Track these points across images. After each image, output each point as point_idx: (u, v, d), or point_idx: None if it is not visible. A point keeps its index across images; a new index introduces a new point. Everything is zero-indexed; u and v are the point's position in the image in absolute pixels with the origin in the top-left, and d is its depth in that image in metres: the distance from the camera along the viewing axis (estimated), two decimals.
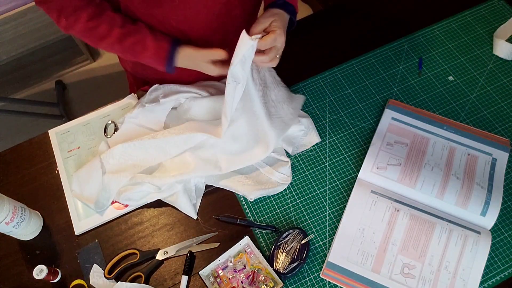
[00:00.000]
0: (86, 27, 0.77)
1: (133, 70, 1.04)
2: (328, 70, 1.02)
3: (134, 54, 0.81)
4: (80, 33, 0.79)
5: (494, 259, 0.79)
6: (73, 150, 0.94)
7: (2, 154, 0.96)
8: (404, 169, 0.86)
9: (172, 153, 0.86)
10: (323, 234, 0.83)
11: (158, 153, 0.86)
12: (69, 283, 0.80)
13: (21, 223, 0.80)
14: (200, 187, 0.88)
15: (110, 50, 0.82)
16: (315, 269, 0.80)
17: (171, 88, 0.94)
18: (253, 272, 0.78)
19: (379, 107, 0.96)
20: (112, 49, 0.81)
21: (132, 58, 0.83)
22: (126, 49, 0.80)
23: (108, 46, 0.80)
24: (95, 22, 0.77)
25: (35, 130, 2.03)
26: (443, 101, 0.96)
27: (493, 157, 0.88)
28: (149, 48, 0.80)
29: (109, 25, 0.78)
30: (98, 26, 0.77)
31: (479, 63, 1.01)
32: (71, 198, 0.88)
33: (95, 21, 0.77)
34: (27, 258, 0.84)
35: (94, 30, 0.78)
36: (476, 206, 0.81)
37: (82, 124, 0.97)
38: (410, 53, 1.03)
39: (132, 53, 0.81)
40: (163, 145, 0.86)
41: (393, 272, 0.78)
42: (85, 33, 0.79)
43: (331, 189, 0.87)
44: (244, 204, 0.87)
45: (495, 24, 1.06)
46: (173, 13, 0.77)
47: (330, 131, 0.94)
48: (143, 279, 0.79)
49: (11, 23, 1.79)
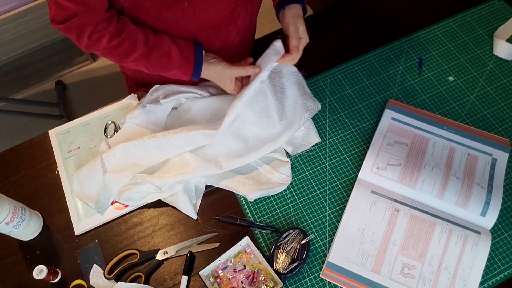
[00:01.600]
0: (109, 46, 0.75)
1: (134, 74, 1.03)
2: (328, 70, 1.02)
3: (161, 68, 0.81)
4: (103, 52, 0.77)
5: (494, 259, 0.79)
6: (73, 150, 0.94)
7: (2, 154, 0.96)
8: (404, 169, 0.86)
9: (173, 153, 0.87)
10: (323, 234, 0.83)
11: (158, 153, 0.86)
12: (69, 283, 0.80)
13: (21, 223, 0.80)
14: (200, 187, 0.88)
15: (135, 67, 0.81)
16: (315, 269, 0.80)
17: (172, 89, 0.94)
18: (253, 272, 0.78)
19: (379, 107, 0.96)
20: (138, 65, 0.81)
21: (159, 72, 0.82)
22: (153, 65, 0.80)
23: (134, 62, 0.79)
24: (117, 40, 0.74)
25: (35, 130, 2.03)
26: (443, 101, 0.96)
27: (493, 157, 0.88)
28: (175, 57, 0.79)
29: (132, 41, 0.76)
30: (121, 44, 0.75)
31: (479, 63, 1.01)
32: (71, 198, 0.88)
33: (117, 39, 0.74)
34: (27, 258, 0.84)
35: (117, 48, 0.76)
36: (476, 206, 0.81)
37: (82, 124, 0.97)
38: (410, 53, 1.03)
39: (159, 67, 0.81)
40: (163, 145, 0.86)
41: (393, 272, 0.78)
42: (108, 52, 0.77)
43: (331, 189, 0.87)
44: (244, 204, 0.87)
45: (495, 24, 1.06)
46: (183, 16, 0.76)
47: (330, 131, 0.94)
48: (143, 279, 0.79)
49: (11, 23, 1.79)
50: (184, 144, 0.86)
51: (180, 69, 0.81)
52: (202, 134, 0.85)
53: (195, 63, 0.81)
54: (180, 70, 0.82)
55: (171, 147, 0.86)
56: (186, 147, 0.86)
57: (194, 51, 0.81)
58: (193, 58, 0.81)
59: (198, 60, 0.81)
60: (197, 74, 0.82)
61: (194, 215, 0.85)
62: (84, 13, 0.69)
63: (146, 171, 0.86)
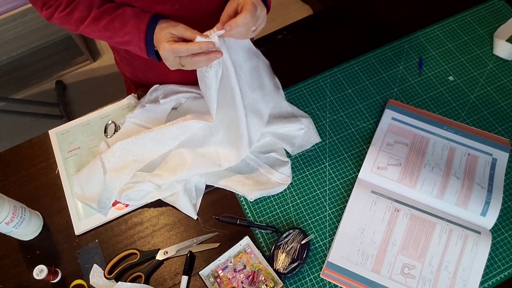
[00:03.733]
0: (62, 15, 0.75)
1: (133, 75, 1.03)
2: (328, 70, 1.02)
3: (113, 31, 0.75)
4: (58, 22, 0.77)
5: (494, 259, 0.79)
6: (73, 150, 0.94)
7: (2, 154, 0.96)
8: (404, 169, 0.86)
9: (170, 144, 0.86)
10: (323, 234, 0.83)
11: (156, 146, 0.86)
12: (69, 283, 0.80)
13: (21, 223, 0.80)
14: (200, 187, 0.88)
15: (89, 34, 0.78)
16: (315, 269, 0.80)
17: (171, 89, 0.94)
18: (253, 272, 0.78)
19: (379, 107, 0.96)
20: (91, 31, 0.77)
21: (111, 38, 0.77)
22: (105, 27, 0.75)
23: (87, 29, 0.77)
24: (72, 6, 0.75)
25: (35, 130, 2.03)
26: (443, 101, 0.96)
27: (493, 157, 0.88)
28: (130, 21, 0.74)
29: (86, 7, 0.75)
30: (74, 9, 0.75)
31: (479, 63, 1.01)
32: (71, 198, 0.88)
33: (72, 6, 0.75)
34: (27, 258, 0.84)
35: (71, 14, 0.75)
36: (476, 206, 0.81)
37: (82, 124, 0.97)
38: (410, 53, 1.03)
39: (111, 31, 0.75)
40: (160, 137, 0.85)
41: (393, 272, 0.78)
42: (64, 19, 0.76)
43: (331, 189, 0.87)
44: (244, 204, 0.87)
45: (495, 24, 1.06)
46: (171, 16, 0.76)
47: (330, 131, 0.94)
48: (143, 279, 0.79)
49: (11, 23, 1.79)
50: (180, 133, 0.86)
51: (133, 33, 0.73)
52: (197, 122, 0.85)
53: (148, 24, 0.72)
54: (133, 34, 0.73)
55: (167, 138, 0.86)
56: (182, 136, 0.86)
57: (151, 15, 0.73)
58: (147, 19, 0.73)
59: (153, 21, 0.73)
60: (151, 39, 0.73)
61: (194, 215, 0.85)
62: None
63: (146, 169, 0.86)
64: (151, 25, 0.72)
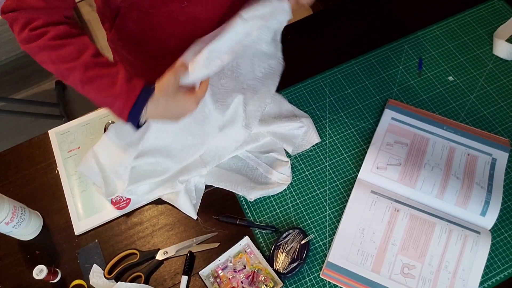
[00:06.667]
0: (48, 44, 0.65)
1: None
2: (328, 70, 1.02)
3: (98, 87, 0.67)
4: (37, 49, 0.66)
5: (494, 259, 0.79)
6: (73, 150, 0.94)
7: (2, 154, 0.96)
8: (404, 169, 0.86)
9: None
10: (323, 234, 0.83)
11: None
12: (69, 283, 0.80)
13: (21, 223, 0.80)
14: (200, 187, 0.88)
15: (65, 79, 0.68)
16: (315, 269, 0.80)
17: None
18: (253, 272, 0.78)
19: (379, 107, 0.96)
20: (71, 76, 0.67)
21: (93, 93, 0.68)
22: (91, 79, 0.66)
23: (67, 71, 0.66)
24: (63, 41, 0.65)
25: (35, 130, 2.03)
26: (443, 101, 0.96)
27: (493, 157, 0.88)
28: (121, 82, 0.66)
29: (79, 49, 0.65)
30: (64, 46, 0.65)
31: (479, 63, 1.01)
32: (71, 198, 0.88)
33: (64, 40, 0.65)
34: (27, 258, 0.84)
35: (57, 49, 0.65)
36: (476, 206, 0.81)
37: (82, 124, 0.97)
38: (410, 53, 1.03)
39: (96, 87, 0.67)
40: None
41: (393, 272, 0.78)
42: (43, 51, 0.66)
43: (331, 189, 0.87)
44: (244, 204, 0.87)
45: (495, 24, 1.06)
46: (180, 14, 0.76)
47: (330, 131, 0.94)
48: (143, 279, 0.79)
49: None
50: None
51: (121, 96, 0.66)
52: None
53: (140, 94, 0.66)
54: (121, 97, 0.66)
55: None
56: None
57: (144, 84, 0.68)
58: (140, 89, 0.67)
59: (145, 93, 0.67)
60: (138, 110, 0.67)
61: (194, 215, 0.85)
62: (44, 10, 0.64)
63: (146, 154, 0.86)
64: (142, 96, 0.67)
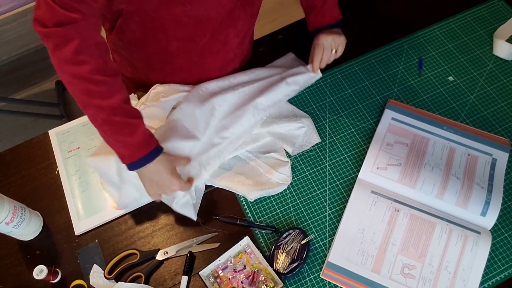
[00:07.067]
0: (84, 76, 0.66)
1: (134, 76, 1.03)
2: (328, 70, 1.02)
3: (116, 132, 0.71)
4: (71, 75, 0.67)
5: (494, 259, 0.79)
6: (73, 150, 0.94)
7: (2, 154, 0.96)
8: (404, 169, 0.86)
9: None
10: (323, 234, 0.83)
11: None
12: (69, 283, 0.80)
13: (21, 223, 0.80)
14: (200, 188, 0.88)
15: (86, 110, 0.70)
16: (315, 269, 0.80)
17: (172, 88, 0.94)
18: (253, 273, 0.78)
19: (379, 107, 0.96)
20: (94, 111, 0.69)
21: (109, 135, 0.72)
22: (112, 123, 0.69)
23: (92, 106, 0.69)
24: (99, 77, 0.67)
25: (35, 130, 2.03)
26: (443, 101, 0.96)
27: (493, 157, 0.88)
28: (138, 136, 0.71)
29: (111, 90, 0.69)
30: (99, 83, 0.67)
31: (479, 63, 1.01)
32: (71, 198, 0.88)
33: (100, 77, 0.67)
34: (27, 258, 0.84)
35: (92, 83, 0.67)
36: (476, 206, 0.81)
37: (82, 124, 0.97)
38: (410, 53, 1.03)
39: (114, 131, 0.71)
40: None
41: (393, 272, 0.78)
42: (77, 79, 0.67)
43: (331, 189, 0.87)
44: (244, 204, 0.87)
45: (495, 24, 1.06)
46: (183, 17, 0.76)
47: (330, 131, 0.94)
48: (143, 279, 0.79)
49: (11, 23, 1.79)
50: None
51: (132, 147, 0.72)
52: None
53: (153, 150, 0.73)
54: (131, 147, 0.72)
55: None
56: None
57: (156, 146, 0.74)
58: (154, 145, 0.74)
59: (154, 154, 0.74)
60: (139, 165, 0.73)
61: (194, 215, 0.85)
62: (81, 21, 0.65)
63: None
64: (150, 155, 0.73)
